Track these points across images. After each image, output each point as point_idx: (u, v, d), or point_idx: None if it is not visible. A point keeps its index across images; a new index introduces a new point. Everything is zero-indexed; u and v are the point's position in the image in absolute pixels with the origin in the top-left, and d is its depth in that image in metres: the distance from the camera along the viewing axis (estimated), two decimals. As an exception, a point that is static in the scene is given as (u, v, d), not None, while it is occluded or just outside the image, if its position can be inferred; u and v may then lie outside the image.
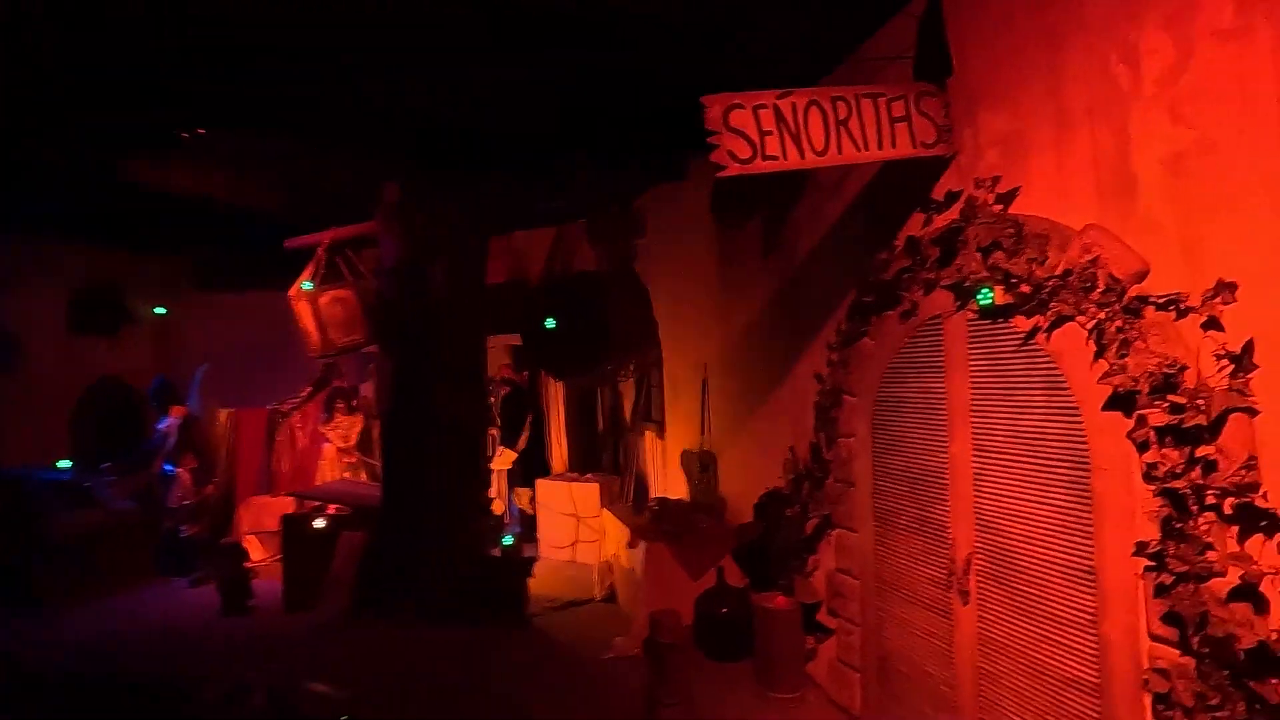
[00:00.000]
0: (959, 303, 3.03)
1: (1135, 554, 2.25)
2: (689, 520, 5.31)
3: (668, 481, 6.51)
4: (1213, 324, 2.09)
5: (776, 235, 4.65)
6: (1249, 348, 1.98)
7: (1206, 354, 2.10)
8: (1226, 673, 2.01)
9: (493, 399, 8.32)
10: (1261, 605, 1.96)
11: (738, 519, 5.11)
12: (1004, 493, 2.82)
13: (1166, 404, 2.15)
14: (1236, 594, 2.01)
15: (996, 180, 2.85)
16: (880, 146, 2.98)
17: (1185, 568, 2.10)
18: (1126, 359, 2.28)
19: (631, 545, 5.40)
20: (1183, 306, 2.16)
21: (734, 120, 2.78)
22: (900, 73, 3.20)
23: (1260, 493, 1.97)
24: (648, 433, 7.09)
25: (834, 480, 4.03)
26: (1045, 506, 2.63)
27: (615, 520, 6.00)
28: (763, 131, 2.81)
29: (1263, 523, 1.96)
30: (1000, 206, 2.83)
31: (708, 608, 4.68)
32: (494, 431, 8.17)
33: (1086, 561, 2.47)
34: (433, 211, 5.45)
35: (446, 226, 5.38)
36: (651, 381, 6.95)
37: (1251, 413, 1.99)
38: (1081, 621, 2.49)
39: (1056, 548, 2.59)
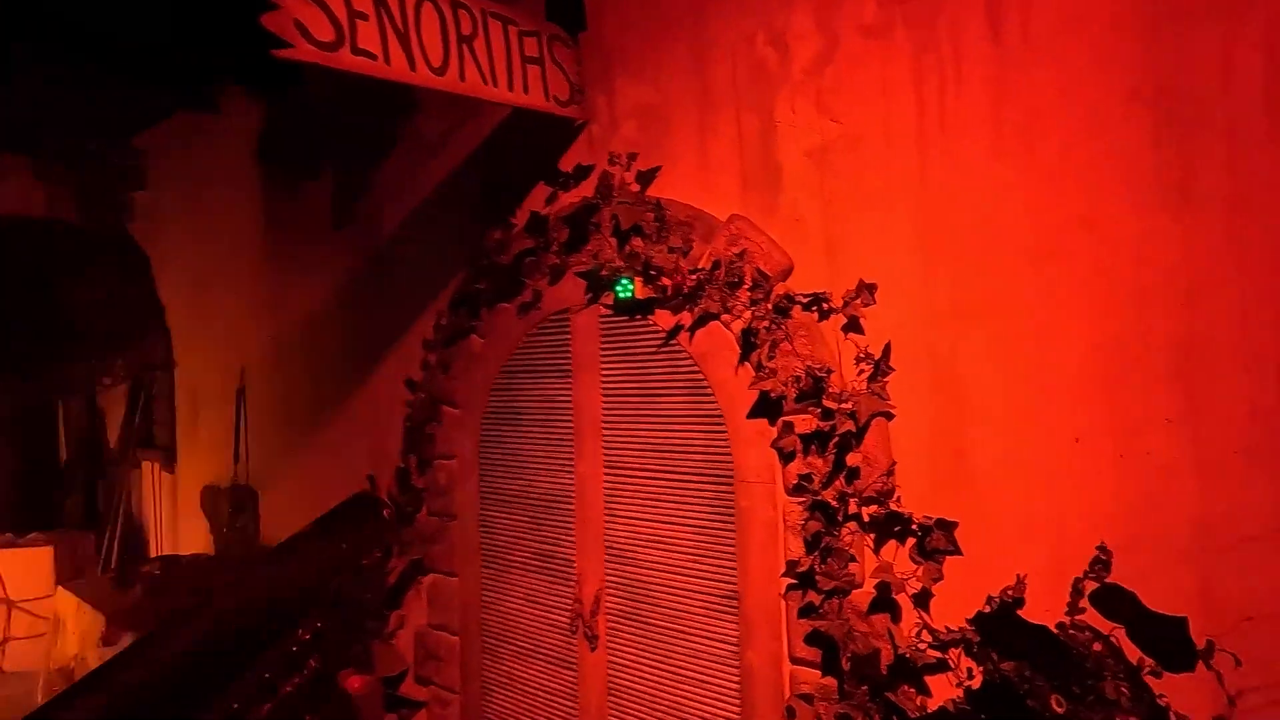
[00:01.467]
0: (591, 294, 2.58)
1: (785, 573, 2.07)
2: (210, 586, 3.76)
3: (179, 532, 4.67)
4: (853, 326, 2.02)
5: (355, 199, 3.60)
6: (888, 351, 1.94)
7: (847, 357, 2.02)
8: (866, 688, 1.93)
9: None
10: (897, 614, 1.93)
11: (290, 575, 3.81)
12: (640, 516, 2.45)
13: (819, 410, 2.01)
14: (876, 605, 1.94)
15: (634, 157, 2.48)
16: (511, 87, 2.32)
17: (833, 584, 1.97)
18: (775, 361, 2.10)
19: (109, 641, 3.57)
20: (825, 307, 2.06)
21: (307, -23, 1.76)
22: (537, 7, 2.61)
23: (895, 497, 1.94)
24: (148, 464, 5.03)
25: (428, 514, 3.20)
26: (685, 528, 2.33)
27: (81, 602, 3.96)
28: (354, 12, 1.86)
29: (897, 528, 1.94)
30: (639, 187, 2.47)
31: (241, 710, 3.30)
32: None
33: (729, 586, 2.23)
34: None
35: None
36: (155, 391, 4.96)
37: (889, 417, 1.95)
38: (723, 654, 2.24)
39: (697, 574, 2.30)
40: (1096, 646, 1.64)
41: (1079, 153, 1.69)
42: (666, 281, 2.37)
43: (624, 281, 2.41)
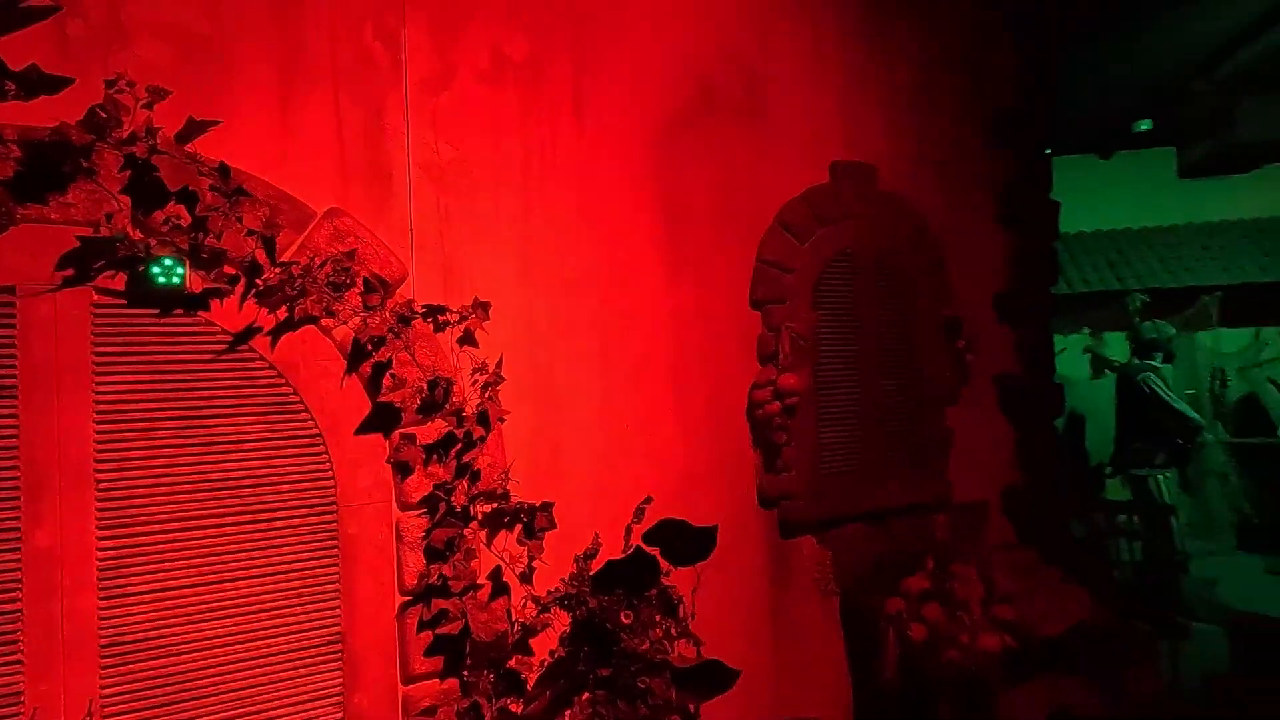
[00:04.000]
0: (77, 271, 1.71)
1: (413, 588, 2.00)
2: None
3: None
4: (469, 339, 2.18)
5: None
6: (500, 363, 2.20)
7: (463, 369, 2.16)
8: (487, 674, 2.11)
9: None
10: (509, 594, 2.19)
11: None
12: (178, 584, 1.79)
13: (454, 418, 2.06)
14: (495, 592, 2.15)
15: (161, 94, 1.82)
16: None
17: (462, 584, 2.06)
18: (397, 371, 2.02)
19: None
20: (442, 320, 2.14)
21: None
22: None
23: (496, 488, 2.20)
24: None
25: None
26: (262, 579, 1.88)
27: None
28: None
29: (506, 519, 2.20)
30: (170, 137, 1.83)
31: None
32: None
33: (331, 630, 1.94)
34: None
35: None
36: None
37: (502, 421, 2.20)
38: (323, 712, 1.92)
39: (284, 629, 1.89)
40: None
41: (626, 227, 2.44)
42: (232, 270, 1.86)
43: (167, 263, 1.75)
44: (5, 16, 1.69)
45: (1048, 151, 3.45)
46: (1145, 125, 6.64)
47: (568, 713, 2.16)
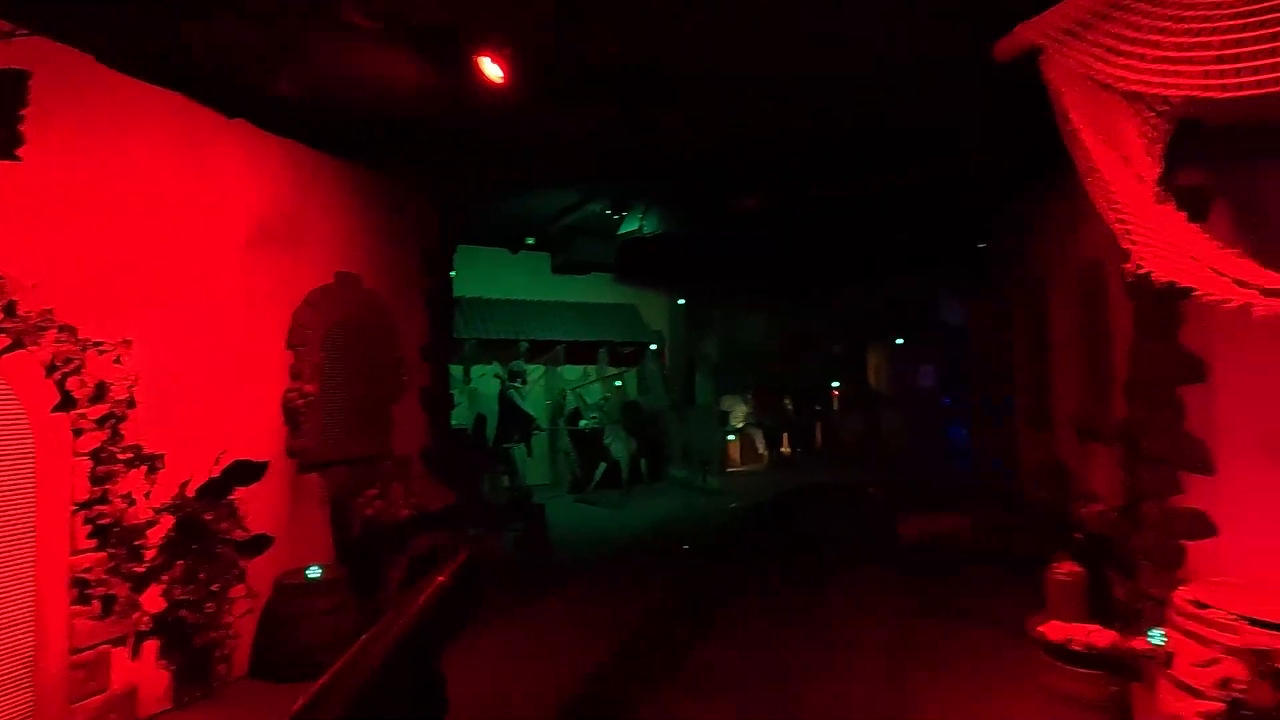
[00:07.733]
0: (-127, 315, 2.90)
1: (82, 502, 3.59)
2: None
3: None
4: (119, 360, 3.83)
5: None
6: (136, 379, 3.91)
7: (118, 377, 3.81)
8: (124, 549, 3.82)
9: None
10: (136, 505, 3.90)
11: None
12: (-69, 498, 3.07)
13: (106, 405, 3.72)
14: (131, 503, 3.85)
15: (-76, 209, 3.11)
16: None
17: (116, 497, 3.73)
18: (79, 378, 3.61)
19: None
20: (102, 350, 3.76)
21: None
22: None
23: (140, 447, 3.91)
24: None
25: None
26: (-14, 496, 3.26)
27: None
28: None
29: (139, 463, 3.91)
30: (-66, 236, 3.13)
31: None
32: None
33: (28, 524, 3.41)
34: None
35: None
36: None
37: (133, 405, 3.91)
38: (21, 573, 3.37)
39: (3, 526, 3.29)
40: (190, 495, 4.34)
41: (228, 299, 4.38)
42: (-26, 317, 3.24)
43: (-58, 312, 3.08)
44: None
45: (452, 274, 6.62)
46: (531, 240, 10.99)
47: (175, 568, 4.03)
